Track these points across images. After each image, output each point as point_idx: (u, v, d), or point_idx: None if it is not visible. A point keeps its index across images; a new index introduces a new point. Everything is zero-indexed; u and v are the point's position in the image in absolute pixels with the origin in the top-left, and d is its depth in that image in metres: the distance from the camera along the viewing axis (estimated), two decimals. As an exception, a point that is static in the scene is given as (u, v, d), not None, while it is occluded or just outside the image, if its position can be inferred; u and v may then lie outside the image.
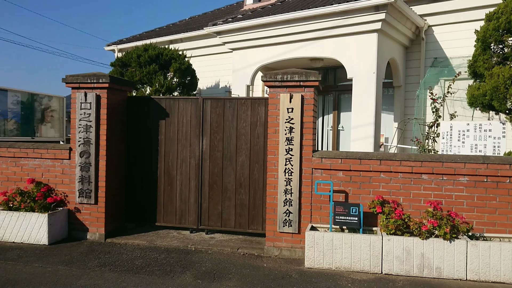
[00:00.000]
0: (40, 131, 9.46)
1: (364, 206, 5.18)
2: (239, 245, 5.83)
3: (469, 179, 4.97)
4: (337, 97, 10.91)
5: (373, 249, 4.79)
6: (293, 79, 5.38)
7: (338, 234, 4.90)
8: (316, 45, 8.94)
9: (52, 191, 6.23)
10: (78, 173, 6.06)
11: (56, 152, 6.26)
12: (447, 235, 4.60)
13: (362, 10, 7.99)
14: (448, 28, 9.08)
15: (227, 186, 6.21)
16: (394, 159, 5.16)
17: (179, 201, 6.41)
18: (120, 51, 14.07)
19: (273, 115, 5.52)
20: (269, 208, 5.53)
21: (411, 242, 4.71)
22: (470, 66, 6.37)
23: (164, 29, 14.71)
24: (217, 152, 6.25)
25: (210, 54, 12.63)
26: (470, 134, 6.39)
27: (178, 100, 6.47)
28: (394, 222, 4.83)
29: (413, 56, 9.59)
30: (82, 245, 5.85)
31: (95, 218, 6.09)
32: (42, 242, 5.82)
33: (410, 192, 5.14)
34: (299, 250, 5.36)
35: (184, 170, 6.39)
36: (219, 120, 6.25)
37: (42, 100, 9.45)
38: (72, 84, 6.11)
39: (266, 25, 9.27)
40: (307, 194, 5.40)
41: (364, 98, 8.21)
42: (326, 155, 5.38)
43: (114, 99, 6.25)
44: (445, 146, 6.57)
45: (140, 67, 9.51)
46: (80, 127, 6.05)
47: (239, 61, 10.11)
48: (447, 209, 4.98)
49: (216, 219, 6.27)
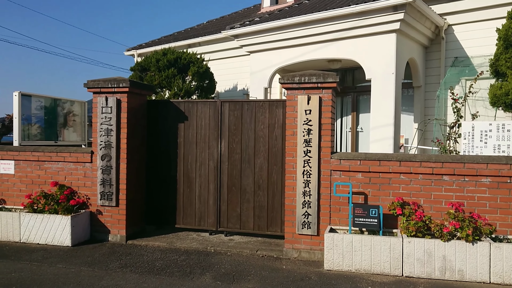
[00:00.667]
0: (63, 135, 9.66)
1: (383, 208, 5.13)
2: (258, 247, 5.84)
3: (492, 180, 4.88)
4: (356, 98, 10.83)
5: (393, 251, 4.73)
6: (310, 80, 5.38)
7: (357, 236, 4.87)
8: (333, 46, 8.90)
9: (75, 193, 6.36)
10: (99, 176, 6.18)
11: (78, 155, 6.39)
12: (469, 237, 4.52)
13: (380, 11, 7.93)
14: (469, 26, 8.92)
15: (245, 188, 6.24)
16: (414, 160, 5.10)
17: (198, 203, 6.47)
18: (139, 56, 14.29)
19: (291, 117, 5.53)
20: (288, 210, 5.53)
21: (433, 244, 4.65)
22: (492, 65, 6.26)
23: (182, 33, 14.87)
24: (236, 154, 6.28)
25: (228, 57, 12.71)
26: (493, 134, 6.27)
27: (196, 103, 6.53)
28: (414, 224, 4.77)
29: (433, 55, 9.45)
30: (104, 246, 5.96)
31: (116, 220, 6.19)
32: (65, 243, 5.95)
33: (431, 194, 5.07)
34: (318, 252, 5.34)
35: (203, 173, 6.45)
36: (237, 123, 6.29)
37: (64, 105, 9.66)
38: (93, 88, 6.24)
39: (284, 27, 9.28)
40: (325, 196, 5.38)
41: (383, 99, 8.13)
42: (344, 157, 5.35)
43: (134, 103, 6.35)
44: (467, 146, 6.46)
45: (159, 71, 9.64)
46: (101, 130, 6.16)
47: (256, 63, 10.14)
48: (469, 210, 4.90)
49: (235, 221, 6.30)
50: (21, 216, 6.10)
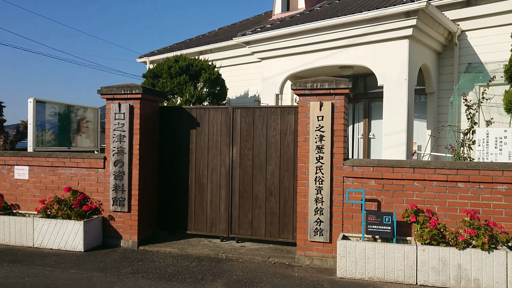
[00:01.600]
0: (76, 141, 9.76)
1: (397, 215, 5.07)
2: (270, 254, 5.81)
3: (508, 188, 4.79)
4: (368, 104, 10.78)
5: (407, 259, 4.67)
6: (323, 87, 5.36)
7: (370, 243, 4.82)
8: (345, 52, 8.88)
9: (88, 199, 6.41)
10: (112, 182, 6.22)
11: (91, 161, 6.44)
12: (485, 245, 4.44)
13: (393, 17, 7.90)
14: (482, 32, 8.84)
15: (257, 194, 6.22)
16: (428, 167, 5.04)
17: (210, 209, 6.47)
18: (151, 63, 14.42)
19: (303, 123, 5.51)
20: (300, 217, 5.50)
21: (447, 252, 4.57)
22: (506, 71, 6.19)
23: (194, 40, 14.98)
24: (247, 160, 6.28)
25: (239, 64, 12.76)
26: (508, 141, 6.18)
27: (208, 109, 6.55)
28: (429, 231, 4.71)
29: (446, 62, 9.37)
30: (116, 252, 5.98)
31: (128, 226, 6.21)
32: (78, 249, 5.98)
33: (445, 201, 5.00)
34: (331, 260, 5.29)
35: (214, 179, 6.45)
36: (249, 129, 6.29)
37: (77, 111, 9.77)
38: (106, 95, 6.30)
39: (295, 34, 9.30)
40: (338, 203, 5.34)
41: (395, 105, 8.07)
42: (357, 163, 5.31)
43: (147, 109, 6.39)
44: (481, 153, 6.37)
45: (171, 78, 9.71)
46: (114, 136, 6.21)
47: (268, 70, 10.16)
48: (485, 218, 4.82)
49: (247, 228, 6.28)
50: (34, 221, 6.16)
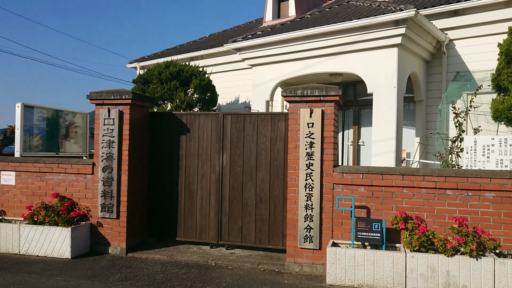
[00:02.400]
0: (64, 147, 9.66)
1: (386, 222, 5.09)
2: (260, 260, 5.79)
3: (495, 195, 4.85)
4: (357, 112, 10.85)
5: (396, 266, 4.68)
6: (313, 94, 5.39)
7: (360, 250, 4.82)
8: (335, 60, 8.94)
9: (76, 205, 6.33)
10: (100, 188, 6.16)
11: (79, 167, 6.38)
12: (473, 252, 4.47)
13: (382, 25, 7.98)
14: (470, 41, 8.98)
15: (247, 201, 6.21)
16: (417, 174, 5.08)
17: (199, 216, 6.43)
18: (142, 68, 14.37)
19: (293, 130, 5.52)
20: (290, 223, 5.49)
21: (436, 259, 4.60)
22: (493, 79, 6.27)
23: (185, 46, 14.97)
24: (237, 167, 6.26)
25: (230, 70, 12.77)
26: (495, 148, 6.25)
27: (198, 115, 6.54)
28: (418, 238, 4.73)
29: (435, 70, 9.49)
30: (104, 259, 5.90)
31: (117, 233, 6.15)
32: (65, 256, 5.90)
33: (434, 208, 5.03)
34: (320, 267, 5.29)
35: (204, 185, 6.42)
36: (239, 135, 6.29)
37: (66, 117, 9.68)
38: (96, 100, 6.26)
39: (286, 41, 9.34)
40: (328, 209, 5.34)
41: (385, 113, 8.13)
42: (347, 170, 5.33)
43: (137, 115, 6.36)
44: (469, 161, 6.44)
45: (161, 84, 9.67)
46: (103, 142, 6.16)
47: (258, 77, 10.18)
48: (473, 225, 4.86)
49: (236, 235, 6.25)
50: (21, 227, 6.07)
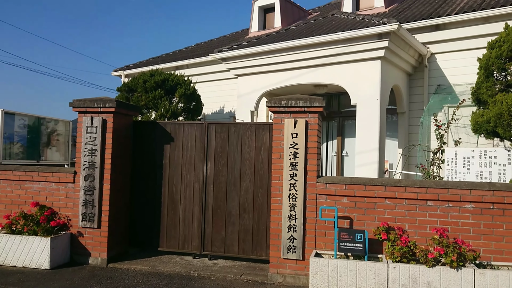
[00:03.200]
0: (46, 155, 9.51)
1: (369, 232, 5.12)
2: (243, 271, 5.75)
3: (475, 206, 4.93)
4: (341, 123, 10.96)
5: (378, 277, 4.70)
6: (297, 104, 5.43)
7: (343, 261, 4.84)
8: (320, 71, 9.05)
9: (56, 214, 6.21)
10: (82, 197, 6.06)
11: (60, 175, 6.27)
12: (453, 263, 4.53)
13: (366, 38, 8.12)
14: (451, 55, 9.19)
15: (231, 211, 6.18)
16: (399, 185, 5.13)
17: (182, 226, 6.37)
18: (126, 77, 14.30)
19: (278, 140, 5.54)
20: (273, 234, 5.48)
21: (417, 270, 4.64)
22: (473, 93, 6.41)
23: (170, 55, 14.96)
24: (221, 176, 6.25)
25: (215, 80, 12.80)
26: (475, 160, 6.38)
27: (183, 124, 6.52)
28: (399, 249, 4.77)
29: (417, 83, 9.67)
30: (84, 270, 5.79)
31: (98, 243, 6.04)
32: (43, 266, 5.76)
33: (415, 219, 5.08)
34: (303, 277, 5.28)
35: (188, 195, 6.38)
36: (223, 145, 6.28)
37: (48, 124, 9.55)
38: (79, 108, 6.19)
39: (271, 52, 9.42)
40: (311, 220, 5.36)
41: (368, 124, 8.24)
42: (330, 181, 5.36)
43: (120, 123, 6.30)
44: (450, 172, 6.55)
45: (146, 92, 9.63)
46: (85, 150, 6.08)
47: (244, 87, 10.22)
48: (454, 236, 4.92)
49: (219, 245, 6.20)
50: (-2, 237, 5.91)
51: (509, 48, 5.78)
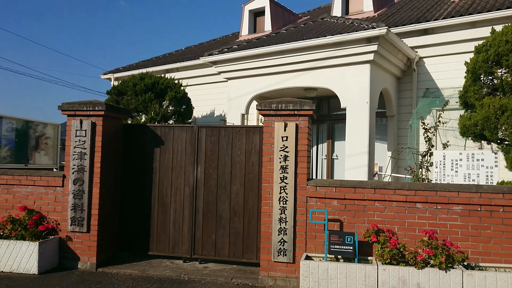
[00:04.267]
0: (34, 158, 9.41)
1: (359, 235, 5.15)
2: (233, 275, 5.74)
3: (463, 208, 4.99)
4: (331, 126, 11.01)
5: (368, 279, 4.73)
6: (287, 108, 5.45)
7: (333, 263, 4.86)
8: (310, 75, 9.09)
9: (44, 219, 6.15)
10: (71, 201, 6.01)
11: (49, 179, 6.21)
12: (442, 264, 4.57)
13: (355, 42, 8.19)
14: (439, 59, 9.30)
15: (221, 214, 6.17)
16: (388, 188, 5.18)
17: (173, 229, 6.35)
18: (116, 80, 14.22)
19: (268, 143, 5.56)
20: (264, 237, 5.48)
21: (407, 271, 4.67)
22: (461, 96, 6.49)
23: (161, 59, 14.92)
24: (212, 180, 6.24)
25: (206, 83, 12.79)
26: (463, 163, 6.45)
27: (173, 128, 6.50)
28: (389, 251, 4.80)
29: (405, 86, 9.77)
30: (73, 274, 5.74)
31: (87, 247, 5.99)
32: (32, 271, 5.69)
33: (404, 221, 5.13)
34: (294, 280, 5.29)
35: (178, 198, 6.36)
36: (214, 148, 6.27)
37: (37, 127, 9.45)
38: (68, 111, 6.14)
39: (261, 56, 9.45)
40: (301, 222, 5.37)
41: (357, 127, 8.29)
42: (320, 184, 5.38)
43: (110, 126, 6.27)
44: (439, 175, 6.61)
45: (136, 96, 9.59)
46: (74, 154, 6.03)
47: (234, 90, 10.23)
48: (442, 238, 4.97)
49: (210, 248, 6.19)
50: (-15, 242, 5.83)
51: (495, 52, 5.87)
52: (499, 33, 6.04)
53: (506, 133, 5.70)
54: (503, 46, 5.80)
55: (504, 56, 5.78)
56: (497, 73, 6.00)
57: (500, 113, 5.66)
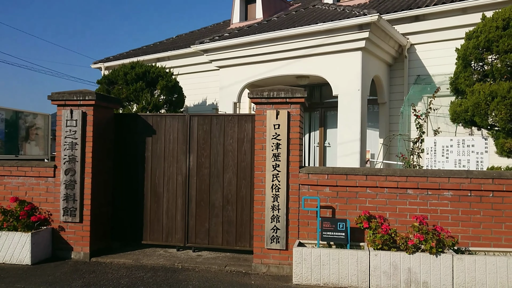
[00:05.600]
0: (24, 149, 9.34)
1: (351, 221, 5.20)
2: (227, 262, 5.78)
3: (454, 194, 5.04)
4: (323, 114, 11.03)
5: (360, 265, 4.79)
6: (279, 95, 5.44)
7: (325, 250, 4.90)
8: (301, 62, 9.07)
9: (36, 209, 6.13)
10: (62, 191, 5.98)
11: (40, 170, 6.18)
12: (433, 249, 4.64)
13: (346, 29, 8.17)
14: (430, 46, 9.31)
15: (214, 203, 6.19)
16: (379, 174, 5.21)
17: (166, 218, 6.36)
18: (107, 69, 14.08)
19: (260, 131, 5.55)
20: (257, 224, 5.51)
21: (398, 257, 4.73)
22: (452, 83, 6.52)
23: (151, 47, 14.78)
24: (204, 168, 6.24)
25: (197, 72, 12.71)
26: (454, 149, 6.51)
27: (165, 117, 6.47)
28: (381, 237, 4.86)
29: (397, 73, 9.78)
30: (66, 264, 5.74)
31: (80, 237, 5.99)
32: (25, 262, 5.69)
33: (396, 207, 5.18)
34: (287, 267, 5.34)
35: (171, 187, 6.36)
36: (206, 137, 6.26)
37: (27, 118, 9.36)
38: (58, 101, 6.08)
39: (253, 43, 9.39)
40: (294, 210, 5.40)
41: (349, 115, 8.31)
42: (312, 171, 5.41)
43: (101, 116, 6.22)
44: (430, 161, 6.67)
45: (127, 85, 9.51)
46: (65, 144, 5.99)
47: (226, 78, 10.18)
48: (433, 223, 5.03)
49: (203, 237, 6.22)
50: (-23, 233, 5.80)
51: (486, 38, 5.89)
52: (489, 19, 6.05)
53: (496, 119, 5.75)
54: (493, 32, 5.81)
55: (494, 42, 5.80)
56: (487, 59, 6.02)
57: (490, 99, 5.70)
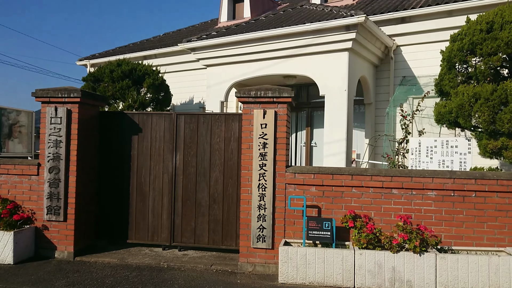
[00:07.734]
0: (7, 147, 9.18)
1: (336, 220, 5.24)
2: (213, 261, 5.78)
3: (437, 194, 5.12)
4: (310, 113, 11.08)
5: (345, 264, 4.83)
6: (266, 95, 5.45)
7: (311, 249, 4.93)
8: (289, 62, 9.09)
9: (19, 208, 6.03)
10: (46, 190, 5.90)
11: (23, 167, 6.08)
12: (416, 248, 4.70)
13: (334, 30, 8.21)
14: (416, 48, 9.42)
15: (200, 202, 6.17)
16: (365, 174, 5.26)
17: (152, 217, 6.32)
18: (92, 66, 13.92)
19: (247, 130, 5.56)
20: (243, 223, 5.52)
21: (383, 256, 4.79)
22: (436, 84, 6.61)
23: (138, 45, 14.65)
24: (191, 167, 6.22)
25: (184, 70, 12.64)
26: (438, 150, 6.60)
27: (151, 115, 6.43)
28: (366, 236, 4.90)
29: (383, 74, 9.88)
30: (50, 264, 5.66)
31: (64, 236, 5.91)
32: (7, 261, 5.60)
33: (381, 207, 5.24)
34: (273, 266, 5.35)
35: (157, 186, 6.32)
36: (193, 136, 6.24)
37: (10, 115, 9.20)
38: (42, 98, 5.99)
39: (240, 42, 9.38)
40: (280, 209, 5.42)
41: (336, 115, 8.37)
42: (299, 170, 5.43)
43: (86, 114, 6.16)
44: (414, 161, 6.75)
45: (113, 82, 9.42)
46: (49, 142, 5.91)
47: (213, 77, 10.16)
48: (417, 223, 5.10)
49: (189, 236, 6.20)
50: (-43, 232, 5.69)
51: (470, 41, 5.98)
52: (473, 22, 6.15)
53: (479, 121, 5.85)
54: (478, 35, 5.91)
55: (478, 44, 5.90)
56: (471, 61, 6.11)
57: (474, 101, 5.79)
